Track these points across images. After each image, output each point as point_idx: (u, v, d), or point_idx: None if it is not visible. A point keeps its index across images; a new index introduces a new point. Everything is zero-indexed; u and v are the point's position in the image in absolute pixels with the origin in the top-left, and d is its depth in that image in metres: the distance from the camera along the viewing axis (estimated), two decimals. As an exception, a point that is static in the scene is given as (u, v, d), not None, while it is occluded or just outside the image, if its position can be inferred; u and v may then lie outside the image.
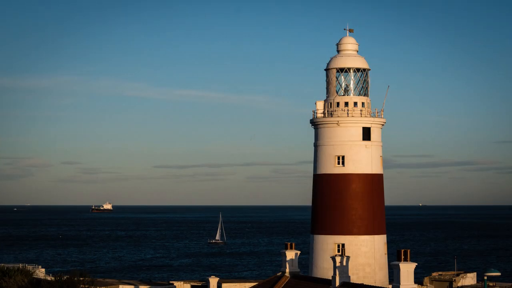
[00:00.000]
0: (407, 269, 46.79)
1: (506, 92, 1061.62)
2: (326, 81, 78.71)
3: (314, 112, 78.06)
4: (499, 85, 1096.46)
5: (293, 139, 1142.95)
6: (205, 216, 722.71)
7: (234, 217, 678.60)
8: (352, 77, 77.60)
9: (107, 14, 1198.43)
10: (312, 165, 78.12)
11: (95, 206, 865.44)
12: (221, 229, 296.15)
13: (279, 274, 59.97)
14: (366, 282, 72.52)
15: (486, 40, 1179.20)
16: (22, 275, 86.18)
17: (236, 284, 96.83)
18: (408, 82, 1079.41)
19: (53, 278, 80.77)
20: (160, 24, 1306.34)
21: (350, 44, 78.80)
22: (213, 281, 73.91)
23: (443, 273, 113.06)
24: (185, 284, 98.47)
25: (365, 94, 77.96)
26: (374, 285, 70.37)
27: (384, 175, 77.46)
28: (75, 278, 77.07)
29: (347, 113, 76.48)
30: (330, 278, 55.18)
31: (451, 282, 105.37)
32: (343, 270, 53.42)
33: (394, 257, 50.03)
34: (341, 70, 77.69)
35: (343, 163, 75.72)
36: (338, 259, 53.31)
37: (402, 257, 47.18)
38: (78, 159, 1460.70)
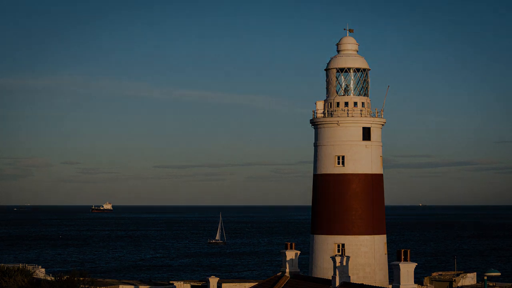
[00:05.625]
0: (407, 269, 46.75)
1: (506, 92, 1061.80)
2: (326, 81, 78.67)
3: (314, 112, 78.01)
4: (499, 85, 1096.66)
5: (293, 139, 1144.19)
6: (205, 216, 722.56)
7: (234, 217, 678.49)
8: (352, 77, 77.54)
9: (108, 14, 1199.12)
10: (312, 165, 78.12)
11: (95, 206, 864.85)
12: (221, 229, 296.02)
13: (279, 274, 59.93)
14: (366, 282, 72.48)
15: (486, 40, 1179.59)
16: (22, 275, 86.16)
17: (236, 284, 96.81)
18: (408, 82, 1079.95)
19: (53, 278, 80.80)
20: (160, 24, 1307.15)
21: (350, 44, 78.74)
22: (213, 281, 73.94)
23: (443, 273, 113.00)
24: (185, 284, 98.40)
25: (365, 94, 77.90)
26: (374, 285, 70.34)
27: (384, 175, 77.44)
28: (75, 278, 77.07)
29: (347, 113, 76.42)
30: (330, 278, 55.16)
31: (451, 282, 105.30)
32: (343, 270, 53.38)
33: (394, 257, 50.04)
34: (341, 70, 77.63)
35: (343, 163, 75.67)
36: (338, 259, 53.26)
37: (402, 257, 47.14)
38: (78, 159, 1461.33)
